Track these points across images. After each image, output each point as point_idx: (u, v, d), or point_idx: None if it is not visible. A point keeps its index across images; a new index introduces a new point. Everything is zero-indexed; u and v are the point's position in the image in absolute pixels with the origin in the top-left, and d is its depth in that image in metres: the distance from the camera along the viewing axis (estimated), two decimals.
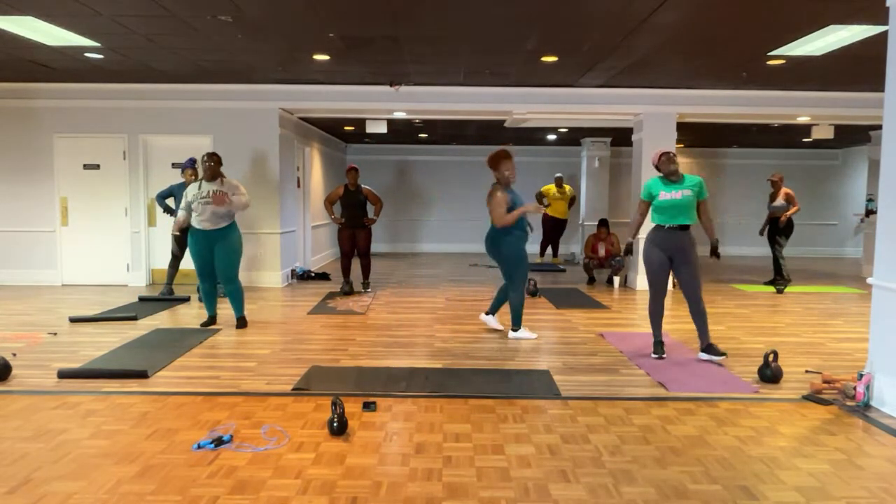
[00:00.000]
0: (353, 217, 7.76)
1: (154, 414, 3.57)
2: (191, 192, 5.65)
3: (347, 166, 7.92)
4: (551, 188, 11.68)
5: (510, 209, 5.29)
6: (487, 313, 5.84)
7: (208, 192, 5.57)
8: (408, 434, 3.31)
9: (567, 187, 11.75)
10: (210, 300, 5.88)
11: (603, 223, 9.19)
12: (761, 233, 8.88)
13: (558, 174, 12.05)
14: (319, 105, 8.09)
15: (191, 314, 6.47)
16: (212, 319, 5.86)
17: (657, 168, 4.89)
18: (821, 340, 5.57)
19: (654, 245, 4.84)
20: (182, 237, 7.36)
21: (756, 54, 6.04)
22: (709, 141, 12.47)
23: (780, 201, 8.60)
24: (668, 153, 4.82)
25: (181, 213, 5.79)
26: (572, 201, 11.77)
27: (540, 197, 11.68)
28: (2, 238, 8.23)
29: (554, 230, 11.73)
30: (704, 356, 4.83)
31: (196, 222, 5.62)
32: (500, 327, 5.77)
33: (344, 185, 7.79)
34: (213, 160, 5.64)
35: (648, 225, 4.99)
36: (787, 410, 3.75)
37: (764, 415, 3.67)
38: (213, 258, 5.68)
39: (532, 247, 12.43)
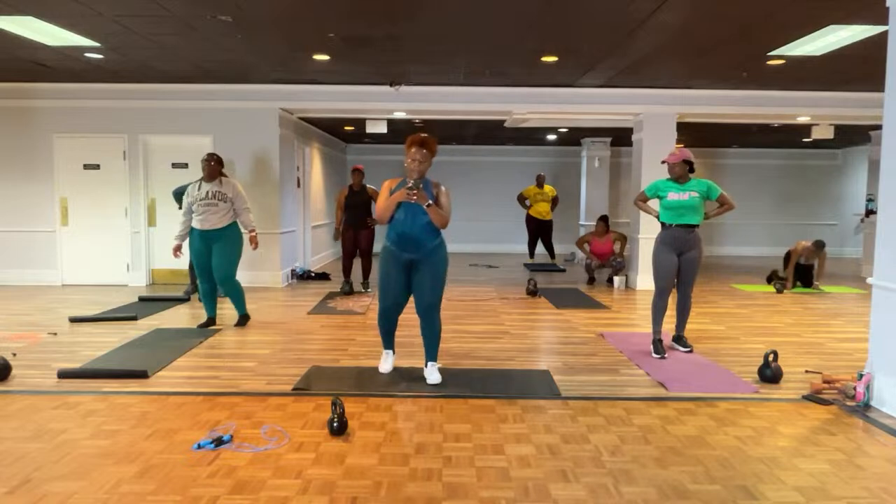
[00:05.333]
0: (357, 217, 7.76)
1: (154, 414, 3.57)
2: (191, 193, 5.64)
3: (352, 167, 7.92)
4: (532, 188, 11.49)
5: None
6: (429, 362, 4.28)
7: (207, 192, 5.57)
8: (408, 434, 3.31)
9: (548, 187, 11.48)
10: (209, 301, 5.84)
11: (603, 219, 9.16)
12: (783, 282, 8.61)
13: (540, 173, 11.93)
14: (319, 105, 8.08)
15: (191, 314, 6.47)
16: (210, 321, 5.83)
17: (670, 167, 4.98)
18: (821, 340, 5.57)
19: (663, 244, 4.98)
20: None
21: (756, 54, 6.04)
22: (709, 141, 12.48)
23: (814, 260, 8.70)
24: (674, 165, 4.93)
25: (181, 225, 5.67)
26: (555, 202, 11.51)
27: (522, 200, 11.51)
28: (2, 238, 8.22)
29: (538, 231, 11.48)
30: (675, 345, 5.15)
31: (195, 223, 5.61)
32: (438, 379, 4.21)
33: (349, 186, 7.81)
34: (214, 160, 5.63)
35: (655, 223, 5.09)
36: (787, 410, 3.75)
37: (764, 415, 3.67)
38: (210, 256, 5.65)
39: (521, 247, 12.48)
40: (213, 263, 5.65)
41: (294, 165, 9.12)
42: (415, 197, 3.97)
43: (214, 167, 5.62)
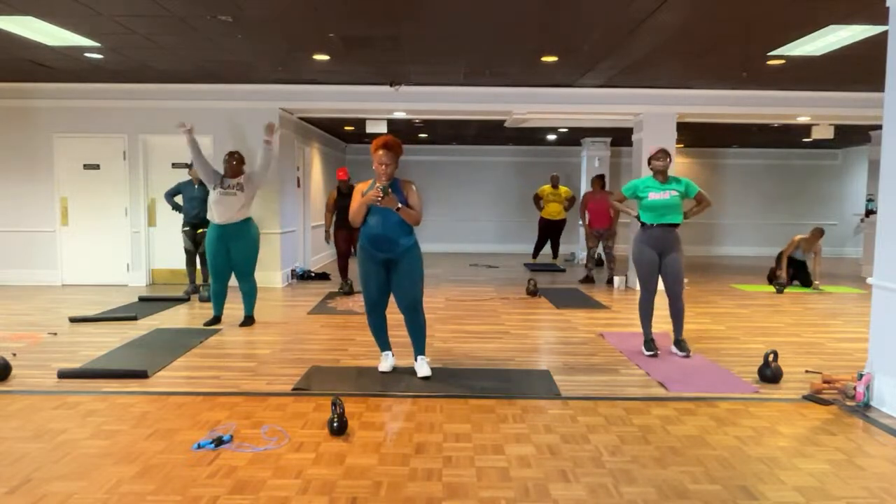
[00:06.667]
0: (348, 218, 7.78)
1: (154, 414, 3.57)
2: (215, 180, 5.70)
3: (338, 172, 7.94)
4: (547, 188, 11.37)
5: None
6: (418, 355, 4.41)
7: (230, 184, 5.66)
8: (408, 434, 3.31)
9: (563, 188, 11.35)
10: (218, 300, 5.85)
11: (599, 177, 9.20)
12: (782, 282, 8.52)
13: (554, 173, 11.88)
14: (319, 105, 8.08)
15: (191, 314, 6.47)
16: (216, 319, 5.85)
17: (650, 160, 4.97)
18: (821, 340, 5.57)
19: (643, 244, 4.95)
20: (192, 231, 7.37)
21: (756, 54, 6.04)
22: (709, 141, 12.47)
23: (809, 254, 8.65)
24: (666, 153, 4.94)
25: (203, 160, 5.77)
26: (571, 202, 11.38)
27: (537, 200, 11.42)
28: (2, 238, 8.22)
29: (548, 231, 11.36)
30: (674, 349, 4.99)
31: (214, 216, 5.63)
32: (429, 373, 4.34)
33: (337, 188, 7.81)
34: (235, 159, 5.75)
35: (635, 223, 5.11)
36: (787, 410, 3.75)
37: (764, 415, 3.67)
38: (228, 256, 5.67)
39: (527, 247, 12.48)
40: (234, 260, 5.70)
41: (294, 165, 9.13)
42: (382, 202, 4.01)
43: (236, 167, 5.74)
